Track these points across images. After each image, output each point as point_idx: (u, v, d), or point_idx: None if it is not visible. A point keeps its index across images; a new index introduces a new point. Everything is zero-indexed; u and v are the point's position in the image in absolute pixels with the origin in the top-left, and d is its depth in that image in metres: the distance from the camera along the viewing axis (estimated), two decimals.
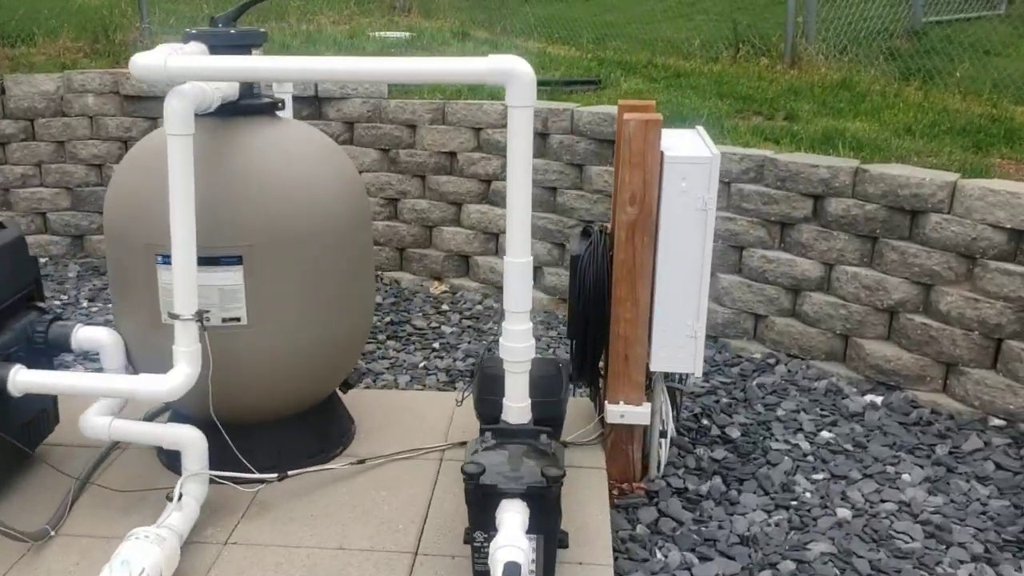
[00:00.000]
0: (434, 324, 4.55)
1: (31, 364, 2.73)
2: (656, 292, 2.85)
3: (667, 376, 3.09)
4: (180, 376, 2.49)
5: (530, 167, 2.32)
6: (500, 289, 5.00)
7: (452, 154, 5.05)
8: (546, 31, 7.71)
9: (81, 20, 6.82)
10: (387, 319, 4.60)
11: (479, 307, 4.77)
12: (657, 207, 2.80)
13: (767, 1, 7.81)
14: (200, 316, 2.50)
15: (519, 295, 2.42)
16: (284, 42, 6.80)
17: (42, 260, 5.46)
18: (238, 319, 2.62)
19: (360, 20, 8.09)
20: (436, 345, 4.30)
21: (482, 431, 2.50)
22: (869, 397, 3.70)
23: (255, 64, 2.33)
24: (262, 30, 2.78)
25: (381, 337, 4.38)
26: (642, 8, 8.50)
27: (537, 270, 4.90)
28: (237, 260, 2.57)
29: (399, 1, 8.44)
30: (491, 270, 4.92)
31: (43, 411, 2.90)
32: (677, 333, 2.87)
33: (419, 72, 2.28)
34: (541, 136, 4.78)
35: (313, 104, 5.24)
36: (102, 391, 2.48)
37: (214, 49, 2.63)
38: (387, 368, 4.06)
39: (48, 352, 2.79)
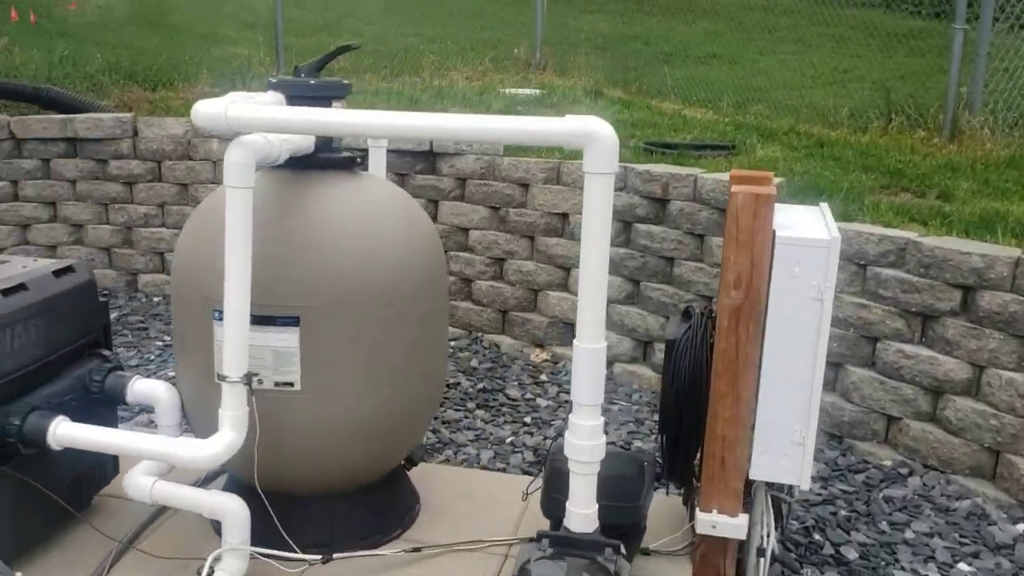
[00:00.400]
0: (529, 396, 4.26)
1: (89, 414, 2.62)
2: (761, 390, 2.47)
3: (771, 484, 2.68)
4: (222, 442, 2.30)
5: (607, 242, 2.03)
6: (606, 362, 4.66)
7: (564, 216, 4.80)
8: (684, 92, 7.42)
9: (221, 67, 7.04)
10: (480, 385, 4.35)
11: None
12: (766, 293, 2.44)
13: (931, 69, 7.27)
14: (249, 379, 2.32)
15: (589, 386, 2.11)
16: (413, 96, 6.78)
17: (156, 299, 5.53)
18: (291, 384, 2.42)
19: (493, 77, 8.03)
20: (528, 419, 4.00)
21: (539, 536, 2.18)
22: (1022, 527, 3.15)
23: (318, 117, 2.15)
24: (345, 81, 2.62)
25: (470, 405, 4.13)
26: (792, 74, 8.08)
27: (647, 345, 4.55)
28: (294, 321, 2.38)
29: (534, 58, 8.35)
30: None
31: (99, 462, 2.78)
32: (782, 438, 2.48)
33: (489, 131, 2.05)
34: (660, 202, 4.46)
35: (428, 159, 5.13)
36: (139, 452, 2.32)
37: (292, 100, 2.49)
38: (471, 440, 3.80)
39: (105, 403, 2.68)
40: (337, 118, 2.12)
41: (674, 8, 10.76)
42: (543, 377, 4.49)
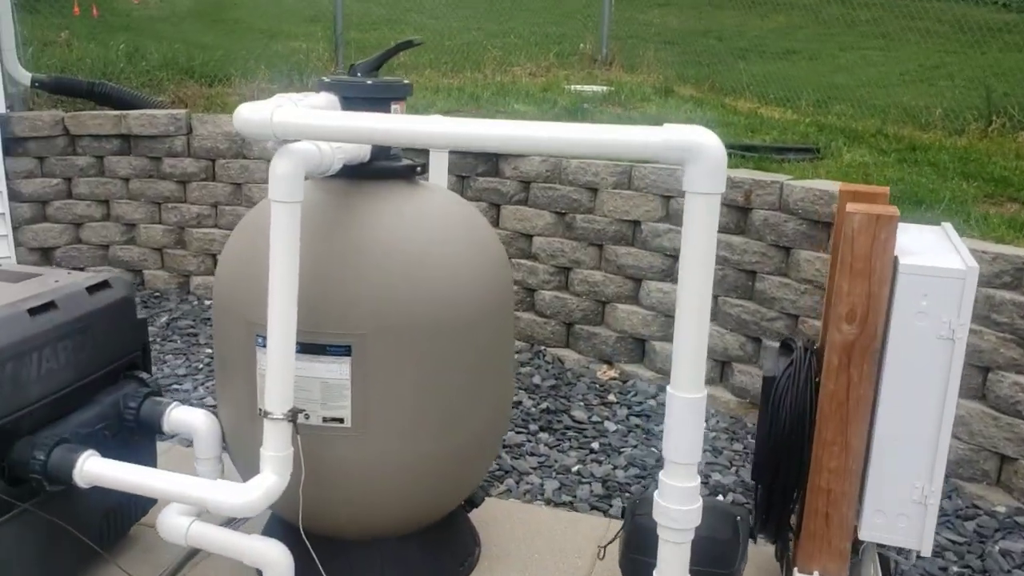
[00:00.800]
0: (596, 418, 3.96)
1: (124, 443, 2.41)
2: (875, 438, 2.15)
3: (881, 544, 2.35)
4: (262, 487, 2.05)
5: (710, 273, 1.73)
6: None
7: (635, 223, 4.48)
8: (760, 90, 7.02)
9: (278, 63, 6.85)
10: (543, 405, 4.06)
11: (652, 402, 4.14)
12: (884, 328, 2.11)
13: None
14: (294, 415, 2.07)
15: (686, 441, 1.81)
16: (475, 93, 6.52)
17: (207, 302, 5.36)
18: (341, 420, 2.17)
19: (558, 73, 7.73)
20: (595, 445, 3.70)
21: None
22: None
23: (378, 125, 1.87)
24: (406, 81, 2.35)
25: (533, 427, 3.85)
26: (876, 71, 7.62)
27: (725, 365, 4.21)
28: (345, 350, 2.13)
29: (600, 54, 8.02)
30: (670, 359, 4.28)
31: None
32: (900, 495, 2.15)
33: (571, 142, 1.75)
34: (742, 210, 4.12)
35: (490, 160, 4.85)
36: (172, 495, 2.08)
37: (347, 102, 2.23)
38: (535, 467, 3.51)
39: (141, 431, 2.46)
40: (400, 126, 1.85)
41: (748, 2, 10.32)
42: (611, 397, 4.18)
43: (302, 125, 1.89)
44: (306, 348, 2.11)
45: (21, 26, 6.59)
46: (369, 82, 2.28)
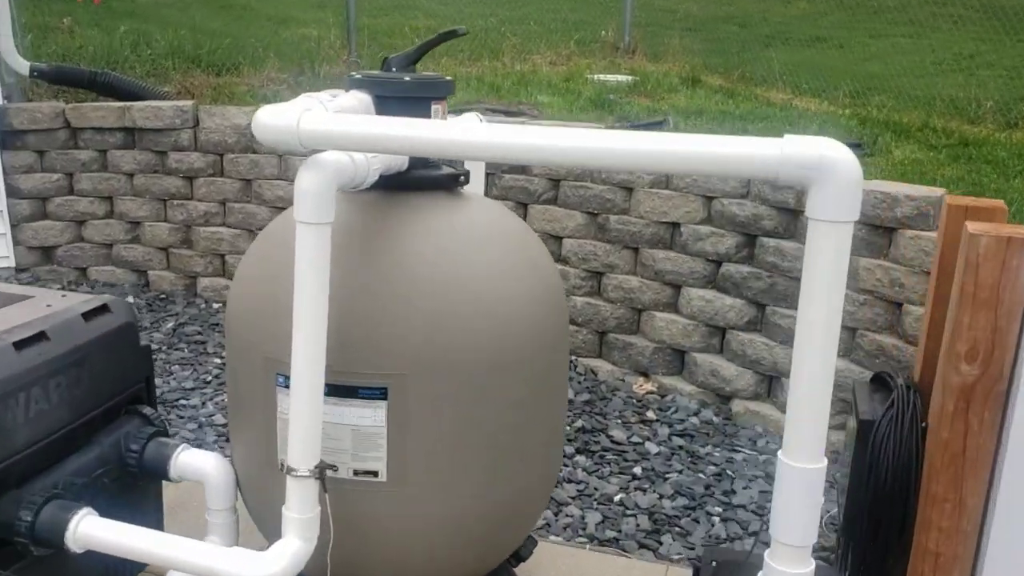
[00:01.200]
0: (636, 438, 3.66)
1: (127, 491, 2.12)
2: (998, 496, 1.85)
3: None
4: (286, 555, 1.76)
5: (838, 315, 1.43)
6: (722, 398, 4.07)
7: (674, 225, 4.17)
8: (792, 80, 6.68)
9: (289, 51, 6.54)
10: (578, 423, 3.76)
11: (694, 419, 3.84)
12: (1011, 370, 1.80)
13: None
14: (322, 471, 1.78)
15: (800, 521, 1.50)
16: (495, 83, 6.20)
17: (215, 306, 5.07)
18: (375, 473, 1.88)
19: (579, 61, 7.40)
20: (637, 470, 3.41)
21: None
22: None
23: (432, 134, 1.56)
24: (447, 78, 2.05)
25: (569, 449, 3.55)
26: (909, 59, 7.27)
27: (774, 381, 3.91)
28: (380, 393, 1.83)
29: (623, 42, 7.68)
30: (713, 373, 3.98)
31: None
32: None
33: (663, 156, 1.45)
34: (792, 213, 3.82)
35: None
36: (179, 564, 1.79)
37: (382, 101, 1.93)
38: (573, 497, 3.22)
39: (145, 477, 2.17)
40: (460, 137, 1.54)
41: None
42: (650, 414, 3.88)
43: (337, 134, 1.59)
44: (335, 390, 1.82)
45: (20, 12, 6.29)
46: (407, 79, 1.97)
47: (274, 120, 1.62)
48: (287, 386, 1.78)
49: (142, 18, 8.75)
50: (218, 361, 4.30)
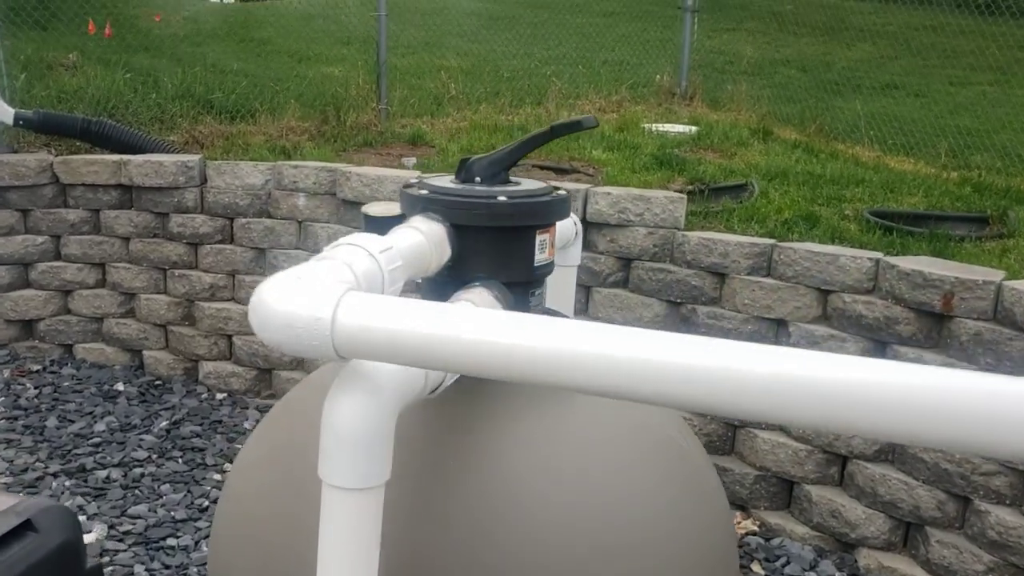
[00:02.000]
0: None
1: None
2: None
3: None
4: None
5: None
6: (845, 545, 3.17)
7: (780, 323, 3.41)
8: (876, 134, 5.94)
9: (311, 94, 5.85)
10: None
11: (811, 575, 3.05)
12: None
13: None
14: None
15: None
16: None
17: (219, 396, 4.33)
18: None
19: (631, 108, 6.68)
20: None
21: None
22: None
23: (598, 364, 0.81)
24: (560, 193, 1.32)
25: None
26: (1002, 110, 6.53)
27: (913, 528, 3.12)
28: None
29: (679, 87, 6.97)
30: (832, 513, 3.19)
31: None
32: None
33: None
34: (936, 318, 3.05)
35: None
36: None
37: (463, 234, 1.18)
38: None
39: None
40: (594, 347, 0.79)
41: (824, 27, 9.27)
42: (756, 569, 3.09)
43: (407, 338, 0.83)
44: None
45: (12, 51, 5.65)
46: (501, 199, 1.23)
47: (290, 307, 0.87)
48: None
49: (155, 52, 8.12)
50: (218, 477, 3.55)
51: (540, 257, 1.29)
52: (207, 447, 3.77)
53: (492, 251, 1.22)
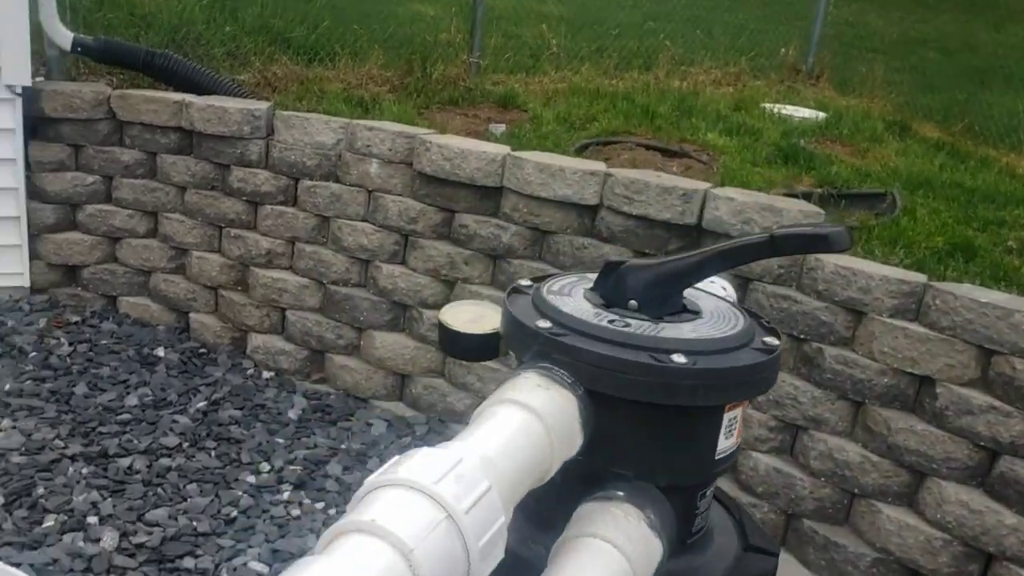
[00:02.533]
0: None
1: None
2: None
3: None
4: None
5: None
6: None
7: (926, 380, 2.81)
8: None
9: (397, 40, 5.31)
10: None
11: None
12: None
13: None
14: None
15: None
16: (648, 106, 4.87)
17: (266, 375, 3.91)
18: None
19: (749, 83, 5.99)
20: None
21: None
22: None
23: None
24: (761, 357, 0.80)
25: None
26: None
27: None
28: None
29: (805, 63, 6.23)
30: None
31: None
32: None
33: None
34: None
35: (690, 234, 3.24)
36: None
37: (606, 406, 0.65)
38: None
39: None
40: None
41: (969, 5, 8.33)
42: None
43: None
44: None
45: None
46: (679, 359, 0.69)
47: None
48: None
49: None
50: (252, 480, 3.14)
51: (725, 445, 0.78)
52: (245, 439, 3.36)
53: (651, 441, 0.70)
